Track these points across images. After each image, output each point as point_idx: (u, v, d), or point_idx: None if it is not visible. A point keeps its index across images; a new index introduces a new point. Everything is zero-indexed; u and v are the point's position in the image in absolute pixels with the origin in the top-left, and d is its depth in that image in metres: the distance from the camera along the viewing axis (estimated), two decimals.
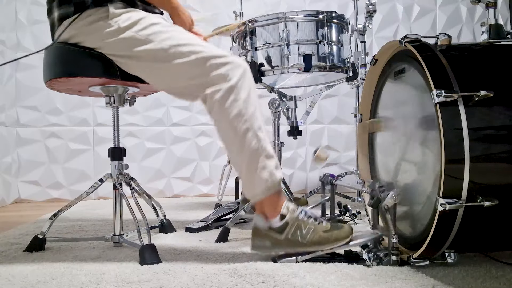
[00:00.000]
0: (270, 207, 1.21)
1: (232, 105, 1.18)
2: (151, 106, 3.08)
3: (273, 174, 1.20)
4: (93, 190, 1.44)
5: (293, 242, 1.18)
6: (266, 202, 1.21)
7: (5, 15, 2.90)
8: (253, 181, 1.20)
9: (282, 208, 1.20)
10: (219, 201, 2.26)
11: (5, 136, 2.83)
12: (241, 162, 1.21)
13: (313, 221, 1.20)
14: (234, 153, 1.23)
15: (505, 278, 1.01)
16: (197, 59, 1.21)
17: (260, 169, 1.19)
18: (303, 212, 1.21)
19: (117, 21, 1.25)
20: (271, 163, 1.21)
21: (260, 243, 1.21)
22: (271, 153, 1.22)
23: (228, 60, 1.22)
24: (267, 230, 1.20)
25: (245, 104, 1.19)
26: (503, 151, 1.04)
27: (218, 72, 1.20)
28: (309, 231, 1.18)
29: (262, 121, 1.23)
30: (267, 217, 1.22)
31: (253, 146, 1.19)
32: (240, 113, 1.18)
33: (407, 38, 1.13)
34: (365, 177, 1.50)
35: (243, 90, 1.20)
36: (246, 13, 2.53)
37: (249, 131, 1.19)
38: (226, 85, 1.19)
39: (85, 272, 1.13)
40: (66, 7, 1.27)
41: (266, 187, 1.19)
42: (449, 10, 3.41)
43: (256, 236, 1.22)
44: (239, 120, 1.18)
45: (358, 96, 2.25)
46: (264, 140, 1.21)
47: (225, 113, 1.19)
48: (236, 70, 1.21)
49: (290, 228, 1.19)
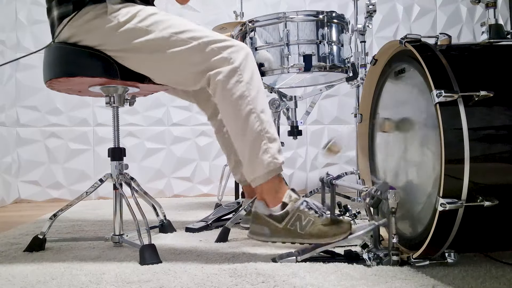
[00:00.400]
0: (270, 194, 1.21)
1: (235, 86, 1.18)
2: (151, 106, 3.08)
3: (275, 157, 1.20)
4: (93, 190, 1.44)
5: (292, 232, 1.18)
6: (267, 187, 1.21)
7: (5, 15, 2.90)
8: (255, 163, 1.20)
9: (284, 197, 1.20)
10: (219, 201, 2.27)
11: (5, 136, 2.83)
12: (243, 144, 1.21)
13: (313, 213, 1.20)
14: (236, 135, 1.23)
15: (505, 278, 1.01)
16: (198, 44, 1.22)
17: (262, 152, 1.19)
18: (305, 203, 1.21)
19: (116, 16, 1.25)
20: (273, 146, 1.20)
21: (259, 230, 1.21)
22: (274, 136, 1.21)
23: (230, 44, 1.22)
24: (267, 217, 1.20)
25: (248, 86, 1.19)
26: (503, 151, 1.04)
27: (220, 56, 1.20)
28: (308, 223, 1.18)
29: (265, 103, 1.23)
30: (267, 204, 1.21)
31: (256, 128, 1.19)
32: (243, 94, 1.18)
33: (407, 38, 1.13)
34: (365, 177, 1.50)
35: (246, 72, 1.20)
36: (246, 13, 2.54)
37: (252, 113, 1.19)
38: (229, 67, 1.19)
39: (85, 272, 1.13)
40: (65, 5, 1.27)
41: (268, 170, 1.19)
42: (449, 10, 3.42)
43: (255, 222, 1.22)
44: (242, 102, 1.18)
45: (358, 96, 2.25)
46: (267, 123, 1.20)
47: (228, 95, 1.19)
48: (238, 53, 1.21)
49: (290, 217, 1.18)
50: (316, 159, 3.26)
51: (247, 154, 1.21)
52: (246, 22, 1.74)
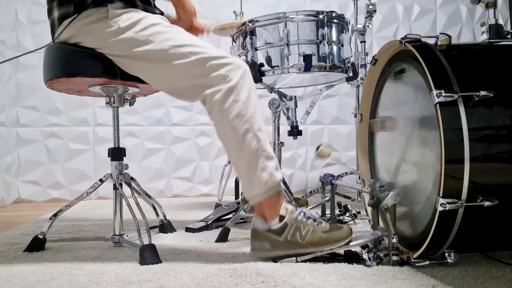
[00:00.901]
0: (269, 209, 1.21)
1: (232, 105, 1.18)
2: (151, 106, 3.08)
3: (273, 175, 1.20)
4: (93, 190, 1.44)
5: (293, 243, 1.18)
6: (266, 204, 1.21)
7: (5, 15, 2.90)
8: (253, 182, 1.20)
9: (281, 209, 1.20)
10: (219, 201, 2.26)
11: (5, 136, 2.83)
12: (240, 163, 1.21)
13: (312, 222, 1.20)
14: (234, 154, 1.23)
15: (505, 278, 1.01)
16: (197, 60, 1.21)
17: (260, 170, 1.19)
18: (302, 213, 1.21)
19: (117, 21, 1.24)
20: (271, 164, 1.20)
21: (260, 246, 1.21)
22: (271, 154, 1.21)
23: (228, 61, 1.21)
24: (266, 232, 1.20)
25: (245, 105, 1.19)
26: (503, 151, 1.04)
27: (218, 73, 1.20)
28: (308, 232, 1.18)
29: (262, 122, 1.22)
30: (266, 219, 1.22)
31: (253, 147, 1.19)
32: (240, 113, 1.18)
33: (407, 38, 1.13)
34: (365, 177, 1.51)
35: (243, 91, 1.20)
36: (246, 13, 2.54)
37: (249, 132, 1.18)
38: (226, 86, 1.19)
39: (85, 272, 1.13)
40: (66, 7, 1.27)
41: (265, 188, 1.19)
42: (449, 10, 3.42)
43: (255, 238, 1.22)
44: (239, 121, 1.18)
45: (358, 96, 2.25)
46: (264, 141, 1.20)
47: (225, 114, 1.18)
48: (236, 71, 1.21)
49: (289, 229, 1.18)
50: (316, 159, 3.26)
51: (244, 173, 1.21)
52: (246, 22, 1.74)
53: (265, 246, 1.20)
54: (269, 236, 1.20)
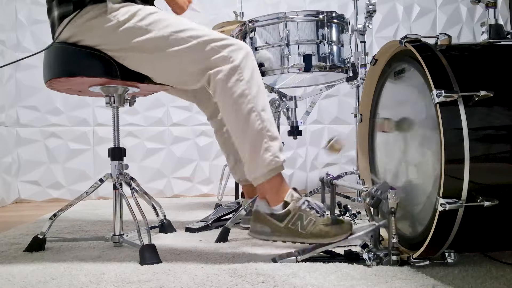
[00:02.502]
0: (272, 192, 1.21)
1: (235, 85, 1.18)
2: (151, 106, 3.08)
3: (277, 156, 1.20)
4: (93, 190, 1.44)
5: (293, 231, 1.18)
6: (269, 186, 1.21)
7: (5, 15, 2.90)
8: (256, 162, 1.20)
9: (286, 196, 1.20)
10: (219, 201, 2.26)
11: (5, 136, 2.83)
12: (244, 143, 1.21)
13: (315, 213, 1.19)
14: (237, 134, 1.22)
15: (505, 278, 1.01)
16: (198, 43, 1.22)
17: (263, 151, 1.19)
18: (306, 203, 1.20)
19: (116, 15, 1.25)
20: (275, 145, 1.20)
21: (260, 229, 1.21)
22: (275, 135, 1.21)
23: (230, 42, 1.22)
24: (269, 216, 1.20)
25: (249, 84, 1.19)
26: (503, 151, 1.04)
27: (220, 55, 1.20)
28: (309, 222, 1.17)
29: (266, 102, 1.22)
30: (269, 202, 1.21)
31: (256, 127, 1.18)
32: (243, 93, 1.18)
33: (407, 38, 1.13)
34: (365, 177, 1.50)
35: (246, 70, 1.20)
36: (246, 13, 2.54)
37: (253, 111, 1.18)
38: (228, 66, 1.19)
39: (85, 272, 1.13)
40: (65, 5, 1.27)
41: (269, 169, 1.19)
42: (449, 10, 3.42)
43: (256, 221, 1.22)
44: (242, 100, 1.18)
45: (358, 96, 2.25)
46: (268, 121, 1.20)
47: (229, 93, 1.19)
48: (238, 52, 1.21)
49: (292, 217, 1.18)
50: (316, 159, 3.26)
51: (248, 153, 1.21)
52: (246, 22, 1.74)
53: (265, 229, 1.20)
54: (270, 220, 1.19)
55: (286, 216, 1.18)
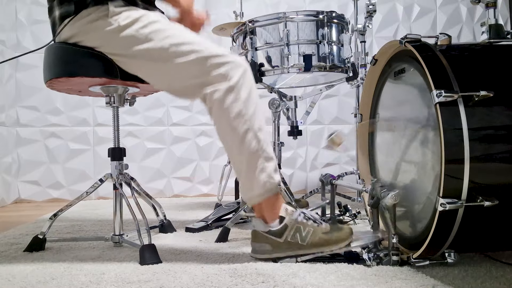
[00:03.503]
0: (268, 210, 1.21)
1: (232, 105, 1.17)
2: (151, 106, 3.08)
3: (272, 177, 1.19)
4: (93, 190, 1.44)
5: (293, 244, 1.18)
6: (265, 205, 1.21)
7: (5, 15, 2.90)
8: (252, 183, 1.19)
9: (281, 211, 1.20)
10: (219, 201, 2.26)
11: (5, 136, 2.83)
12: (240, 163, 1.21)
13: (312, 223, 1.19)
14: (233, 154, 1.22)
15: (505, 278, 1.01)
16: (197, 58, 1.20)
17: (258, 171, 1.18)
18: (302, 214, 1.21)
19: (116, 19, 1.24)
20: (270, 166, 1.20)
21: (260, 248, 1.21)
22: (271, 155, 1.21)
23: (229, 60, 1.21)
24: (267, 233, 1.20)
25: (246, 104, 1.18)
26: (503, 151, 1.04)
27: (218, 72, 1.19)
28: (308, 233, 1.17)
29: (262, 121, 1.22)
30: (266, 220, 1.21)
31: (252, 148, 1.18)
32: (240, 113, 1.17)
33: (407, 38, 1.13)
34: (365, 177, 1.51)
35: (243, 90, 1.19)
36: (246, 13, 2.54)
37: (249, 131, 1.18)
38: (226, 84, 1.18)
39: (85, 272, 1.13)
40: (66, 5, 1.26)
41: (264, 190, 1.19)
42: (449, 10, 3.42)
43: (255, 240, 1.22)
44: (239, 120, 1.17)
45: (358, 96, 2.25)
46: (264, 142, 1.19)
47: (225, 113, 1.18)
48: (236, 70, 1.20)
49: (290, 230, 1.18)
50: (316, 159, 3.26)
51: (243, 173, 1.21)
52: (246, 22, 1.74)
53: (265, 247, 1.20)
54: (269, 237, 1.19)
55: (284, 230, 1.18)
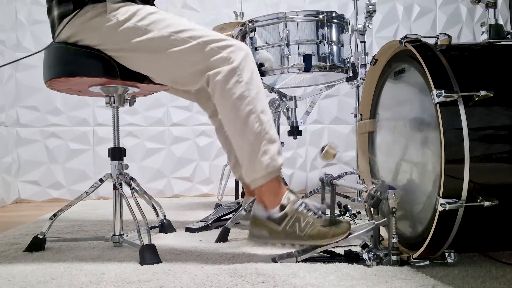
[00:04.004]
0: (270, 195, 1.21)
1: (234, 86, 1.18)
2: (151, 106, 3.08)
3: (275, 159, 1.19)
4: (93, 190, 1.44)
5: (291, 234, 1.17)
6: (266, 189, 1.21)
7: (5, 15, 2.90)
8: (254, 165, 1.19)
9: (283, 199, 1.20)
10: (219, 201, 2.27)
11: (5, 136, 2.83)
12: (242, 145, 1.21)
13: (312, 214, 1.19)
14: (236, 136, 1.22)
15: (505, 278, 1.01)
16: (198, 44, 1.21)
17: (261, 153, 1.18)
18: (303, 205, 1.20)
19: (115, 15, 1.25)
20: (273, 148, 1.20)
21: (258, 233, 1.21)
22: (274, 137, 1.21)
23: (229, 43, 1.22)
24: (266, 219, 1.19)
25: (248, 86, 1.18)
26: (503, 151, 1.04)
27: (220, 55, 1.20)
28: (307, 224, 1.17)
29: (265, 103, 1.22)
30: (266, 206, 1.21)
31: (255, 129, 1.18)
32: (242, 94, 1.18)
33: (407, 38, 1.13)
34: (365, 177, 1.50)
35: (245, 72, 1.19)
36: (246, 13, 2.54)
37: (252, 113, 1.18)
38: (228, 67, 1.19)
39: (85, 272, 1.13)
40: (65, 5, 1.27)
41: (267, 172, 1.19)
42: (449, 10, 3.42)
43: (254, 225, 1.22)
44: (241, 102, 1.17)
45: (358, 96, 2.25)
46: (267, 123, 1.20)
47: (228, 95, 1.18)
48: (238, 53, 1.21)
49: (289, 219, 1.18)
50: (316, 159, 3.26)
51: (246, 155, 1.21)
52: (246, 22, 1.74)
53: (263, 233, 1.20)
54: (268, 224, 1.19)
55: (284, 219, 1.18)
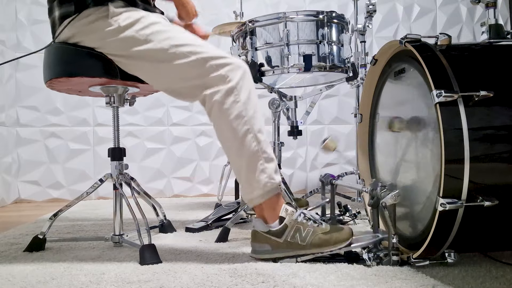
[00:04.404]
0: (269, 211, 1.21)
1: (232, 106, 1.18)
2: (151, 106, 3.08)
3: (272, 178, 1.19)
4: (93, 190, 1.44)
5: (293, 244, 1.18)
6: (265, 205, 1.21)
7: (5, 15, 2.90)
8: (252, 184, 1.20)
9: (281, 211, 1.20)
10: (219, 201, 2.26)
11: (5, 136, 2.83)
12: (240, 164, 1.21)
13: (312, 223, 1.20)
14: (233, 155, 1.22)
15: (505, 278, 1.01)
16: (197, 60, 1.21)
17: (259, 172, 1.18)
18: (302, 215, 1.21)
19: (117, 20, 1.24)
20: (270, 166, 1.20)
21: (260, 248, 1.21)
22: (271, 156, 1.21)
23: (228, 61, 1.21)
24: (267, 233, 1.20)
25: (245, 106, 1.18)
26: (503, 151, 1.04)
27: (218, 73, 1.19)
28: (308, 233, 1.18)
29: (262, 123, 1.22)
30: (266, 220, 1.21)
31: (252, 149, 1.18)
32: (240, 114, 1.18)
33: (407, 38, 1.13)
34: (365, 177, 1.51)
35: (243, 92, 1.19)
36: (246, 13, 2.54)
37: (249, 133, 1.18)
38: (225, 86, 1.18)
39: (85, 272, 1.13)
40: (67, 6, 1.27)
41: (264, 191, 1.19)
42: (449, 10, 3.42)
43: (255, 240, 1.22)
44: (238, 122, 1.17)
45: (358, 96, 2.25)
46: (264, 143, 1.20)
47: (225, 115, 1.18)
48: (236, 72, 1.20)
49: (290, 231, 1.18)
50: (316, 159, 3.26)
51: (243, 174, 1.21)
52: (246, 22, 1.74)
53: (265, 247, 1.20)
54: (269, 237, 1.19)
55: (284, 231, 1.18)
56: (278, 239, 1.18)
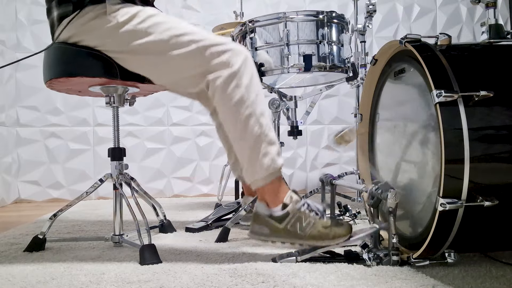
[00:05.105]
0: (271, 195, 1.22)
1: (234, 91, 1.19)
2: (151, 106, 3.08)
3: (275, 161, 1.20)
4: (93, 190, 1.44)
5: (292, 233, 1.18)
6: (267, 189, 1.22)
7: (5, 15, 2.90)
8: (255, 167, 1.20)
9: (285, 197, 1.20)
10: (219, 201, 2.27)
11: (5, 136, 2.83)
12: (243, 147, 1.22)
13: (314, 215, 1.20)
14: (236, 139, 1.23)
15: (505, 278, 1.01)
16: (197, 48, 1.22)
17: (262, 155, 1.19)
18: (306, 205, 1.21)
19: (115, 16, 1.25)
20: (273, 149, 1.21)
21: (259, 230, 1.21)
22: (274, 139, 1.22)
23: (229, 47, 1.22)
24: (268, 217, 1.20)
25: (247, 90, 1.20)
26: (503, 151, 1.04)
27: (219, 60, 1.21)
28: (308, 224, 1.18)
29: (264, 106, 1.23)
30: (268, 204, 1.22)
31: (255, 132, 1.19)
32: (242, 98, 1.19)
33: (407, 38, 1.13)
34: (365, 177, 1.51)
35: (245, 76, 1.20)
36: (246, 13, 2.54)
37: (251, 116, 1.19)
38: (227, 71, 1.20)
39: (85, 272, 1.13)
40: (65, 6, 1.27)
41: (267, 173, 1.20)
42: (449, 10, 3.42)
43: (255, 222, 1.22)
44: (241, 106, 1.19)
45: (358, 96, 2.24)
46: (266, 126, 1.21)
47: (227, 99, 1.19)
48: (237, 57, 1.22)
49: (291, 218, 1.18)
50: (316, 159, 3.26)
51: (246, 157, 1.22)
52: (246, 22, 1.74)
53: (264, 230, 1.20)
54: (269, 221, 1.20)
55: (285, 217, 1.19)
56: (278, 224, 1.19)
